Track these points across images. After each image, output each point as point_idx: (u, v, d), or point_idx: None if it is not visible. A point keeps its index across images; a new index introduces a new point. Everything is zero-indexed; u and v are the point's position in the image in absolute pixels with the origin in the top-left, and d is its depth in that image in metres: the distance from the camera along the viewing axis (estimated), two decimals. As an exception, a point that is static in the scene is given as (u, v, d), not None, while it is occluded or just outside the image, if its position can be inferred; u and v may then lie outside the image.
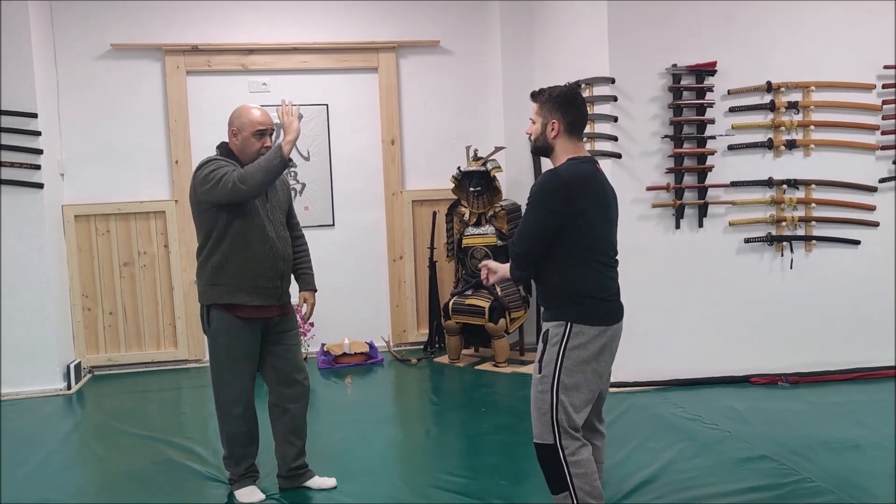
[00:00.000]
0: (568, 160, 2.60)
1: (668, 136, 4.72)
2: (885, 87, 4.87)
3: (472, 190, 5.53)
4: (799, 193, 4.85)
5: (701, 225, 4.81)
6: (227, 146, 3.25)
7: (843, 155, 4.88)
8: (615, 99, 4.66)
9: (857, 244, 4.90)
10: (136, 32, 5.58)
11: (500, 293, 5.40)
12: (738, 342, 4.84)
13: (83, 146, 5.55)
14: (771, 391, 4.65)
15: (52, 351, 5.14)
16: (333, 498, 3.33)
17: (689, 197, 4.78)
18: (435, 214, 5.94)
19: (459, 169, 5.59)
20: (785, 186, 4.82)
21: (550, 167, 2.66)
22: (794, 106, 4.79)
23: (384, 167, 5.99)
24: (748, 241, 4.83)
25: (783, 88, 4.78)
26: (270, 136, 3.23)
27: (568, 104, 2.62)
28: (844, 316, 4.90)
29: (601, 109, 4.70)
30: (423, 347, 5.96)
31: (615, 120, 4.66)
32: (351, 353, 5.61)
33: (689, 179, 4.77)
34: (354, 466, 3.66)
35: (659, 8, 4.67)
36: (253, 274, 3.16)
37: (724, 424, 4.05)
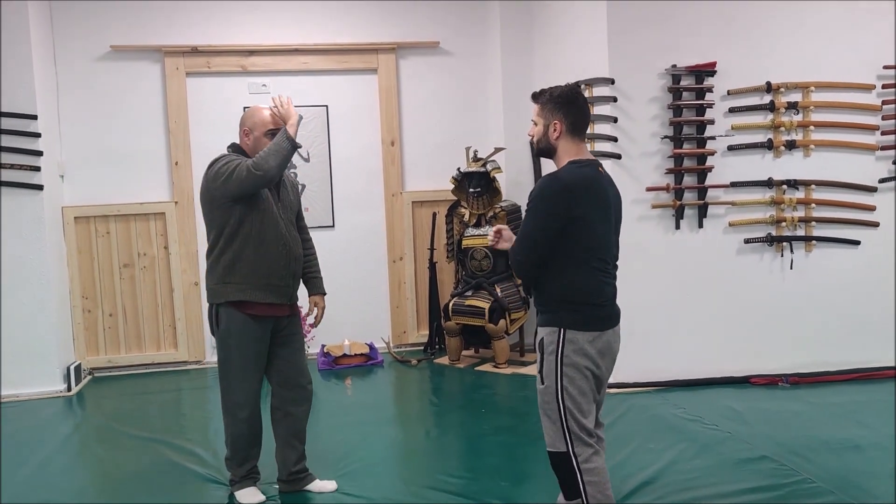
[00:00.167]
0: (569, 163, 2.57)
1: (667, 136, 4.72)
2: (884, 87, 4.87)
3: (471, 191, 5.53)
4: (799, 194, 4.85)
5: (701, 225, 4.81)
6: (237, 146, 3.25)
7: (842, 155, 4.89)
8: (615, 100, 4.66)
9: (857, 244, 4.90)
10: (135, 34, 5.58)
11: (500, 294, 5.40)
12: (738, 343, 4.84)
13: (83, 148, 5.56)
14: (771, 392, 4.65)
15: (52, 352, 5.14)
16: (333, 499, 3.32)
17: (688, 197, 4.78)
18: (435, 215, 5.94)
19: (459, 170, 5.59)
20: (785, 187, 4.82)
21: (551, 169, 2.64)
22: (793, 106, 4.79)
23: (384, 168, 5.99)
24: (748, 241, 4.83)
25: (783, 89, 4.78)
26: None
27: (569, 104, 2.58)
28: (844, 316, 4.90)
29: (601, 110, 4.70)
30: (423, 348, 5.96)
31: (615, 121, 4.66)
32: (351, 354, 5.61)
33: (688, 180, 4.77)
34: (354, 468, 3.66)
35: (658, 8, 4.67)
36: (266, 272, 3.16)
37: (724, 425, 4.05)
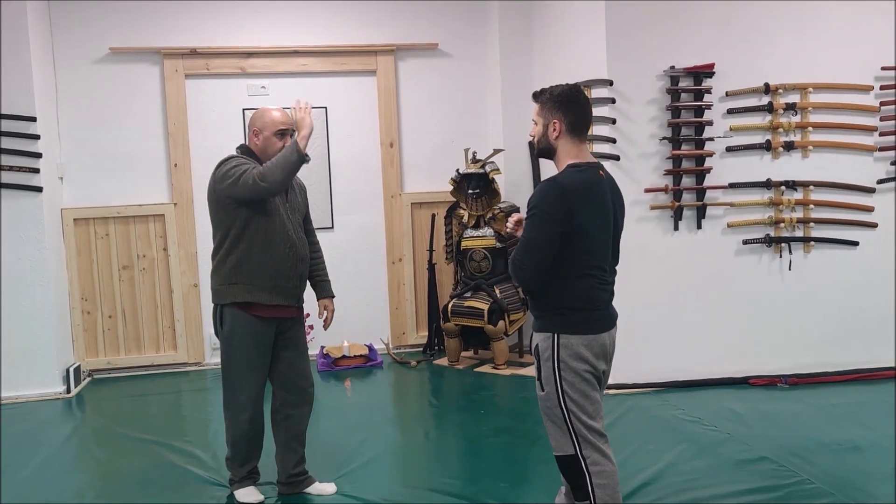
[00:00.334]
0: (568, 167, 2.53)
1: (666, 137, 4.73)
2: (882, 88, 4.88)
3: (470, 192, 5.53)
4: (797, 195, 4.86)
5: (699, 226, 4.81)
6: (246, 147, 3.25)
7: (840, 156, 4.89)
8: (613, 101, 4.67)
9: (855, 245, 4.91)
10: (134, 36, 5.58)
11: (499, 295, 5.40)
12: (737, 344, 4.84)
13: (82, 150, 5.56)
14: (770, 392, 4.65)
15: (51, 354, 5.13)
16: (333, 501, 3.32)
17: (687, 199, 4.78)
18: (434, 217, 5.94)
19: (458, 171, 5.60)
20: (783, 188, 4.83)
21: (550, 170, 2.62)
22: (792, 107, 4.80)
23: (383, 169, 5.99)
24: (746, 242, 4.84)
25: (781, 90, 4.79)
26: (291, 135, 3.24)
27: (569, 103, 2.54)
28: (843, 317, 4.90)
29: (599, 111, 4.70)
30: (422, 350, 5.96)
31: (613, 122, 4.67)
32: (350, 355, 5.61)
33: (687, 181, 4.78)
34: (354, 469, 3.66)
35: (657, 10, 4.68)
36: (273, 273, 3.16)
37: (723, 426, 4.06)
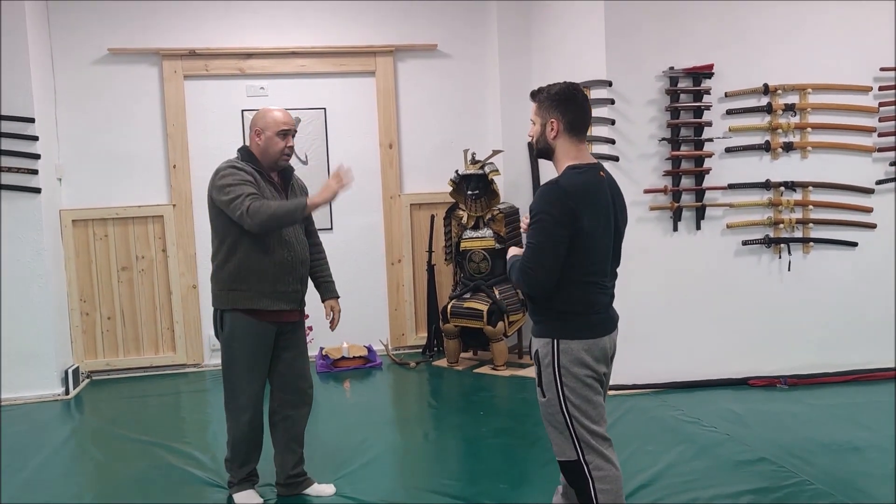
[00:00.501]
0: (567, 168, 2.48)
1: (665, 138, 4.73)
2: (881, 89, 4.88)
3: (469, 193, 5.53)
4: (796, 195, 4.86)
5: (699, 227, 4.81)
6: (247, 149, 3.24)
7: (839, 157, 4.89)
8: (612, 102, 4.67)
9: (854, 246, 4.91)
10: (133, 37, 5.58)
11: (498, 296, 5.40)
12: (736, 344, 4.84)
13: (81, 151, 5.55)
14: (770, 393, 4.65)
15: (50, 356, 5.13)
16: (332, 502, 3.32)
17: (686, 199, 4.78)
18: (433, 218, 5.94)
19: (457, 172, 5.60)
20: (782, 188, 4.83)
21: (549, 171, 2.59)
22: (791, 108, 4.80)
23: (382, 170, 5.99)
24: (746, 243, 4.84)
25: (780, 91, 4.79)
26: (293, 136, 3.23)
27: (567, 101, 2.48)
28: (842, 318, 4.90)
29: (598, 112, 4.70)
30: (421, 351, 5.96)
31: (612, 123, 4.67)
32: (349, 356, 5.60)
33: (686, 182, 4.78)
34: (353, 470, 3.66)
35: (656, 11, 4.68)
36: (273, 279, 3.15)
37: (722, 427, 4.05)
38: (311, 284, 3.43)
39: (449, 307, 5.51)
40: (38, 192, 5.04)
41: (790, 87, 4.80)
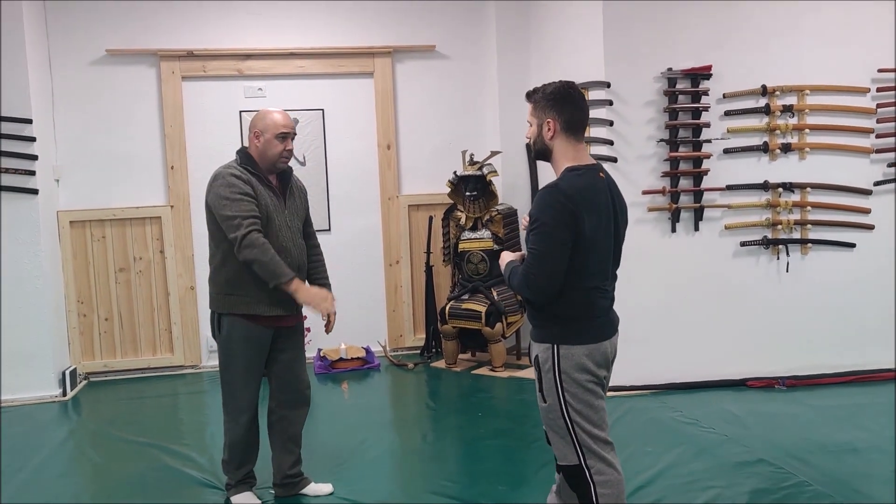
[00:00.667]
0: (566, 171, 2.45)
1: (663, 139, 4.73)
2: (879, 90, 4.88)
3: (468, 194, 5.52)
4: (794, 196, 4.86)
5: (697, 228, 4.81)
6: (246, 151, 3.22)
7: (837, 158, 4.90)
8: (611, 103, 4.67)
9: (852, 247, 4.91)
10: (131, 38, 5.57)
11: (496, 297, 5.39)
12: (734, 346, 4.84)
13: (78, 152, 5.54)
14: (768, 394, 4.65)
15: (47, 357, 5.12)
16: (329, 502, 3.32)
17: (684, 200, 4.78)
18: (431, 219, 5.93)
19: (455, 173, 5.59)
20: (780, 190, 4.83)
21: (549, 173, 2.56)
22: (789, 109, 4.80)
23: (380, 172, 5.99)
24: (744, 244, 4.84)
25: (778, 92, 4.79)
26: (292, 139, 3.22)
27: (563, 100, 2.44)
28: (841, 319, 4.91)
29: (597, 113, 4.70)
30: (419, 352, 5.95)
31: (611, 124, 4.67)
32: (347, 358, 5.60)
33: (684, 183, 4.78)
34: (351, 471, 3.65)
35: (654, 12, 4.68)
36: (269, 285, 3.14)
37: (721, 428, 4.05)
38: None
39: (447, 308, 5.50)
40: (35, 193, 5.03)
41: (788, 88, 4.80)
